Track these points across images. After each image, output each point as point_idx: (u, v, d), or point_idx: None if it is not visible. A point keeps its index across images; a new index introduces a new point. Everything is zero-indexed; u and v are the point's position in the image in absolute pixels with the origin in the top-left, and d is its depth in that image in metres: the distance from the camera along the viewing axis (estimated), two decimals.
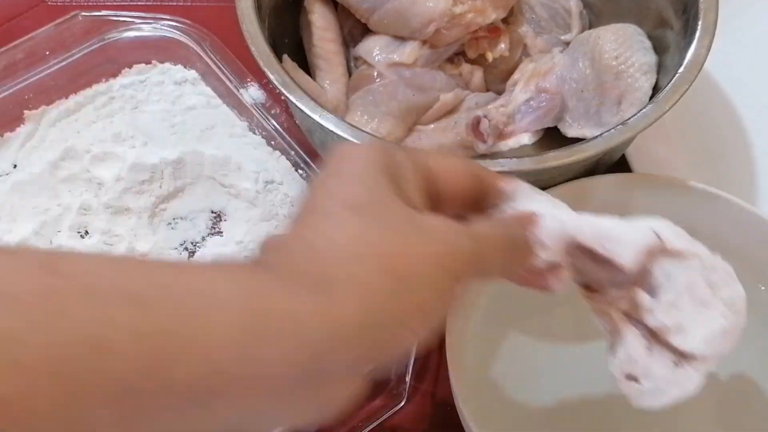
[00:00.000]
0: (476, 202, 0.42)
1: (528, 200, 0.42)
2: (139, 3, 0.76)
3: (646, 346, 0.43)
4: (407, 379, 0.57)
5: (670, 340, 0.42)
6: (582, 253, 0.42)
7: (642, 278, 0.42)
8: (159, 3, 0.76)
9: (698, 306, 0.42)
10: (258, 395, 0.31)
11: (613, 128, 0.54)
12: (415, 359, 0.58)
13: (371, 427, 0.57)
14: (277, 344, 0.30)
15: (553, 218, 0.41)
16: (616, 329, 0.43)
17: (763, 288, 0.57)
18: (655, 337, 0.42)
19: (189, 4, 0.77)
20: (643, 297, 0.42)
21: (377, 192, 0.36)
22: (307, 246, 0.33)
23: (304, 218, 0.35)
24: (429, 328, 0.35)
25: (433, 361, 0.60)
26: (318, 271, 0.32)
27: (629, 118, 0.54)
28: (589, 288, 0.44)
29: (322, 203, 0.36)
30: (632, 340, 0.43)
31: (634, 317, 0.43)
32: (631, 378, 0.43)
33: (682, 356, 0.42)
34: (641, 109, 0.54)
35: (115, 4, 0.76)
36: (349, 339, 0.32)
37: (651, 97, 0.58)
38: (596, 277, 0.43)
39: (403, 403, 0.58)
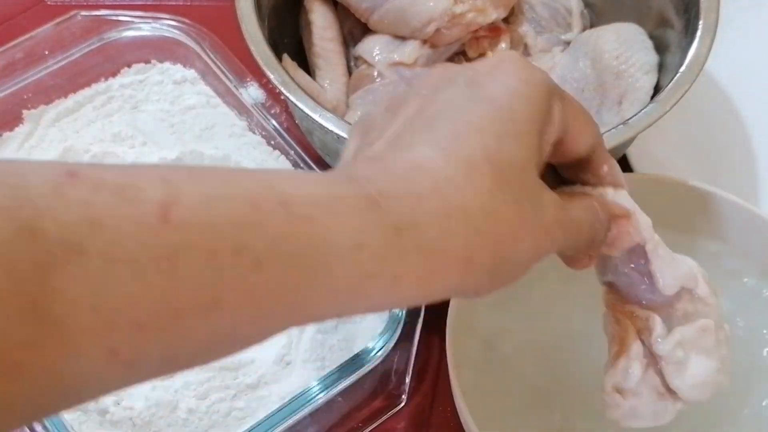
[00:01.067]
0: (573, 165, 0.41)
1: (619, 195, 0.42)
2: (139, 3, 0.76)
3: (645, 365, 0.44)
4: (407, 379, 0.57)
5: (666, 372, 0.44)
6: (634, 257, 0.43)
7: (664, 308, 0.44)
8: (158, 2, 0.76)
9: (701, 354, 0.44)
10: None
11: (613, 128, 0.54)
12: (415, 359, 0.57)
13: (371, 427, 0.57)
14: (371, 305, 0.32)
15: (639, 218, 0.42)
16: (625, 342, 0.44)
17: (764, 289, 0.57)
18: (653, 361, 0.44)
19: (189, 3, 0.77)
20: (658, 324, 0.44)
21: (528, 155, 0.35)
22: (441, 207, 0.32)
23: (445, 152, 0.33)
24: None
25: (433, 361, 0.60)
26: (440, 237, 0.32)
27: (630, 118, 0.54)
28: (612, 290, 0.45)
29: (464, 136, 0.34)
30: (636, 358, 0.44)
31: (642, 337, 0.44)
32: (618, 391, 0.45)
33: (668, 390, 0.44)
34: (642, 109, 0.54)
35: (114, 3, 0.76)
36: (430, 301, 0.33)
37: (652, 97, 0.58)
38: (629, 284, 0.44)
39: (403, 404, 0.58)
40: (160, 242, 0.27)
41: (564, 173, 0.42)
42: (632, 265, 0.43)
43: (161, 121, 0.68)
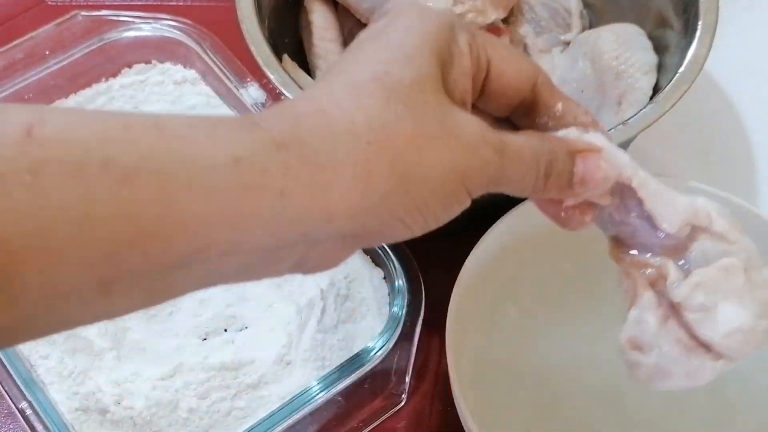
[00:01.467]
0: (527, 113, 0.40)
1: (588, 135, 0.39)
2: (139, 3, 0.76)
3: (662, 316, 0.40)
4: (407, 379, 0.57)
5: (691, 322, 0.39)
6: (627, 202, 0.40)
7: (678, 252, 0.40)
8: (159, 3, 0.76)
9: (730, 296, 0.39)
10: (240, 259, 0.31)
11: (613, 128, 0.54)
12: (415, 359, 0.58)
13: (371, 427, 0.57)
14: (263, 223, 0.30)
15: (613, 153, 0.39)
16: (636, 292, 0.41)
17: None
18: (675, 313, 0.40)
19: (189, 4, 0.77)
20: (672, 269, 0.40)
21: (419, 73, 0.34)
22: (325, 124, 0.32)
23: (331, 83, 0.34)
24: (426, 228, 0.35)
25: (433, 361, 0.60)
26: (327, 150, 0.31)
27: (629, 118, 0.54)
28: (619, 243, 0.42)
29: (354, 69, 0.34)
30: (648, 304, 0.40)
31: (658, 288, 0.40)
32: (636, 346, 0.41)
33: (698, 342, 0.40)
34: (641, 109, 0.54)
35: (114, 4, 0.76)
36: (339, 223, 0.32)
37: (651, 97, 0.58)
38: (632, 233, 0.41)
39: (403, 404, 0.58)
40: (23, 156, 0.26)
41: (521, 124, 0.41)
42: (629, 212, 0.40)
43: None
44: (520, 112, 0.40)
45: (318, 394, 0.54)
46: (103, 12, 0.71)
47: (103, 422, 0.55)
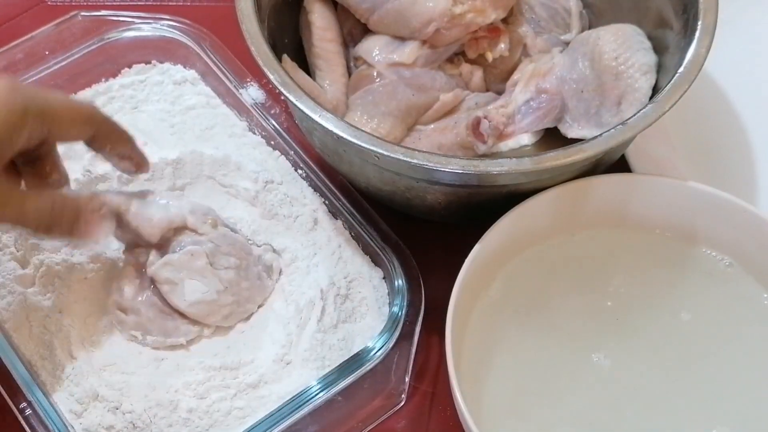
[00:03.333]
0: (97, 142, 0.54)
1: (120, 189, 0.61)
2: (139, 3, 0.76)
3: (140, 286, 0.57)
4: (407, 379, 0.57)
5: (162, 291, 0.57)
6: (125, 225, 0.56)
7: (161, 246, 0.57)
8: (159, 3, 0.76)
9: (193, 274, 0.56)
10: None
11: (612, 128, 0.54)
12: (415, 359, 0.58)
13: (371, 427, 0.57)
14: None
15: (115, 200, 0.55)
16: (122, 273, 0.58)
17: (763, 288, 0.57)
18: (152, 287, 0.57)
19: (189, 4, 0.77)
20: (151, 254, 0.57)
21: None
22: None
23: None
24: None
25: (433, 361, 0.60)
26: None
27: (629, 118, 0.54)
28: (130, 247, 0.58)
29: None
30: (129, 276, 0.58)
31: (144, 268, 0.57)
32: (121, 308, 0.57)
33: (172, 309, 0.57)
34: (641, 109, 0.54)
35: (115, 4, 0.76)
36: None
37: (651, 97, 0.58)
38: (136, 239, 0.57)
39: (402, 403, 0.58)
40: None
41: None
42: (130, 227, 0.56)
43: (161, 122, 0.68)
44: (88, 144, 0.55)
45: (318, 393, 0.54)
46: (103, 12, 0.71)
47: (103, 422, 0.55)
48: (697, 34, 0.57)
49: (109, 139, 0.55)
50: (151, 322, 0.57)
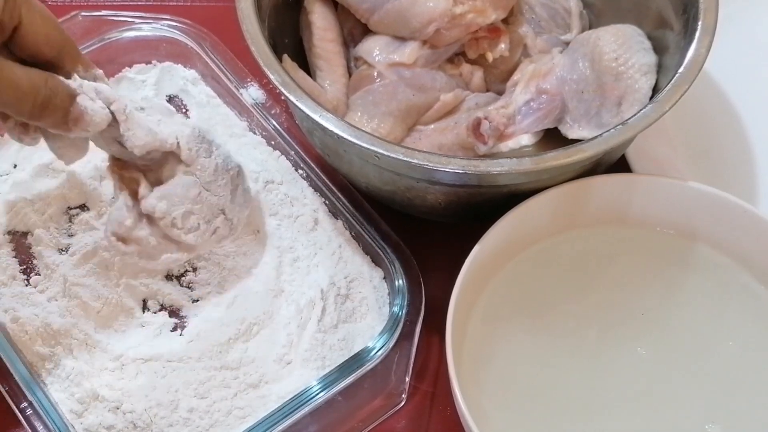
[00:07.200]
0: (60, 66, 0.51)
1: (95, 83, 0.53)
2: (139, 3, 0.76)
3: (137, 216, 0.56)
4: (407, 379, 0.57)
5: (159, 224, 0.56)
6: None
7: (153, 171, 0.56)
8: (159, 3, 0.76)
9: (186, 202, 0.56)
10: None
11: (613, 128, 0.54)
12: (415, 359, 0.58)
13: (371, 427, 0.57)
14: None
15: (111, 95, 0.53)
16: (117, 193, 0.57)
17: (762, 288, 0.57)
18: (149, 216, 0.56)
19: (189, 4, 0.77)
20: (142, 184, 0.56)
21: None
22: None
23: None
24: None
25: (433, 361, 0.60)
26: None
27: (629, 118, 0.54)
28: (115, 160, 0.57)
29: None
30: (122, 204, 0.56)
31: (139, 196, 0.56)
32: (119, 239, 0.56)
33: (170, 240, 0.57)
34: (641, 109, 0.54)
35: (115, 4, 0.76)
36: None
37: (651, 98, 0.58)
38: (125, 157, 0.56)
39: (403, 403, 0.58)
40: None
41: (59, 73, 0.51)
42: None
43: (161, 122, 0.68)
44: (54, 64, 0.52)
45: (318, 393, 0.54)
46: (103, 12, 0.71)
47: (103, 422, 0.55)
48: (697, 34, 0.57)
49: (80, 57, 0.53)
50: (154, 249, 0.57)
